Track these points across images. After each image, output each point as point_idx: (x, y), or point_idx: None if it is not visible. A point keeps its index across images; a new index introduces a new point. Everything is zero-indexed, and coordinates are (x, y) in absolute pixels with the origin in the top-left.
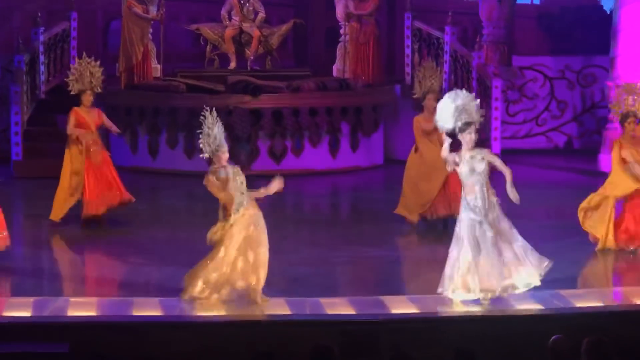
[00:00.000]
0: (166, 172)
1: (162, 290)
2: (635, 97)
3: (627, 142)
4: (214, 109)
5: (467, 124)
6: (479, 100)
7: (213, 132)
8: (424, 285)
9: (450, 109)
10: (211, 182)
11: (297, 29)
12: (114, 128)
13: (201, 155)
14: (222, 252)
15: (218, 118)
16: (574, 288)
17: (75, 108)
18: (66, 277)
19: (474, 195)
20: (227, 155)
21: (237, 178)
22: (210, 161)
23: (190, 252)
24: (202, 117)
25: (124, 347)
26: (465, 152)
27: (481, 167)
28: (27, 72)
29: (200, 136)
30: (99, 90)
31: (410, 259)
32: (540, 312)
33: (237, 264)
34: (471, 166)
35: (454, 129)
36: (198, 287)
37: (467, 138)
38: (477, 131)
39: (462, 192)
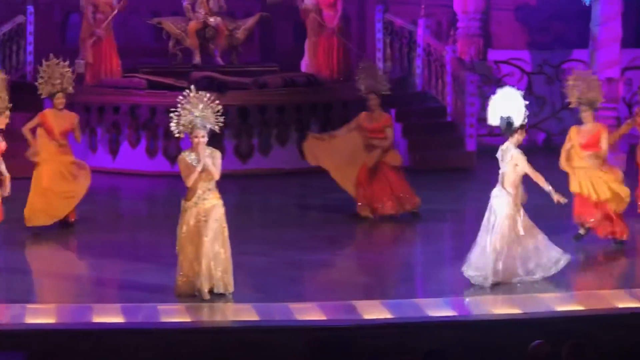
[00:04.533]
0: (127, 172)
1: (123, 296)
2: (589, 85)
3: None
4: (206, 89)
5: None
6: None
7: (190, 113)
8: (397, 289)
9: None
10: (180, 163)
11: (263, 23)
12: (77, 138)
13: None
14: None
15: (211, 100)
16: (554, 291)
17: (45, 111)
18: (22, 283)
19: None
20: (198, 140)
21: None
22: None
23: (153, 256)
24: (186, 92)
25: (84, 355)
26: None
27: None
28: None
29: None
30: (71, 91)
31: (383, 262)
32: (519, 317)
33: (187, 252)
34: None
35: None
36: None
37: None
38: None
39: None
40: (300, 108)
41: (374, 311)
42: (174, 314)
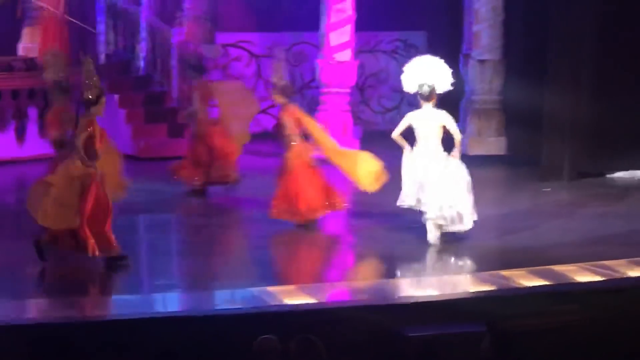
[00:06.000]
0: None
1: None
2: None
3: None
4: None
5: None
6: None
7: None
8: (122, 284)
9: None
10: None
11: None
12: None
13: None
14: None
15: None
16: (287, 284)
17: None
18: None
19: None
20: None
21: None
22: None
23: None
24: None
25: None
26: None
27: None
28: None
29: None
30: None
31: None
32: (245, 311)
33: None
34: None
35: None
36: None
37: None
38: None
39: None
40: (17, 94)
41: (96, 308)
42: None
